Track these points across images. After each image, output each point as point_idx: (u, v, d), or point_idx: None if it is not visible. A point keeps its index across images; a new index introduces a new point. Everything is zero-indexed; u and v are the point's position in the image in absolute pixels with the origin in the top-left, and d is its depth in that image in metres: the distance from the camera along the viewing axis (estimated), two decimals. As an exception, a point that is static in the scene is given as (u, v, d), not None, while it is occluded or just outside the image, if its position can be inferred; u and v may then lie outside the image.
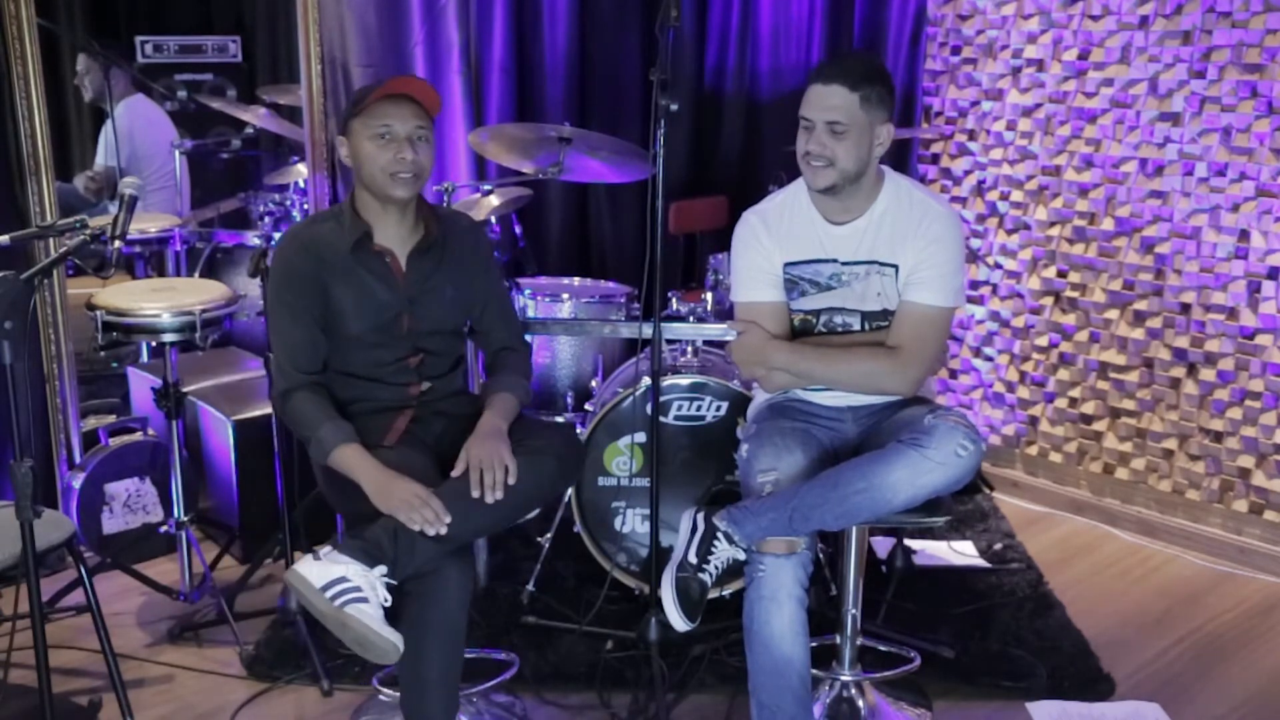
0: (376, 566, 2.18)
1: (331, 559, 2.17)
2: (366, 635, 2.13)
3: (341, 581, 2.14)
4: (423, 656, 2.25)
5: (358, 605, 2.12)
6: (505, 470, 2.29)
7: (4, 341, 2.00)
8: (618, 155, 3.44)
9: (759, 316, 2.55)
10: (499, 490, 2.26)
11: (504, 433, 2.40)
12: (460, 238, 2.58)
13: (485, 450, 2.32)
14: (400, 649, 2.15)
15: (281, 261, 2.46)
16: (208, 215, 4.39)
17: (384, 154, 2.38)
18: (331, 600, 2.13)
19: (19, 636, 2.49)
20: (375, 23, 3.76)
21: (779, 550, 2.35)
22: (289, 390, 2.43)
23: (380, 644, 2.13)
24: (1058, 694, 2.85)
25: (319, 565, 2.16)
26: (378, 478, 2.29)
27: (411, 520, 2.20)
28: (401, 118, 2.39)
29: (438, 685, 2.28)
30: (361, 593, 2.14)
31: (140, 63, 4.32)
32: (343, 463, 2.34)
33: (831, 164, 2.39)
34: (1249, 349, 3.50)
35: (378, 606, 2.15)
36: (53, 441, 3.39)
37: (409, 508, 2.21)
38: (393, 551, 2.19)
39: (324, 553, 2.19)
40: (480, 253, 2.62)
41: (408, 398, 2.53)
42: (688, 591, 2.40)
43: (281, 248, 2.48)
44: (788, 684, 2.35)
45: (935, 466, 2.27)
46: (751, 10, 4.34)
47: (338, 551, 2.19)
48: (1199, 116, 3.54)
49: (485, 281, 2.61)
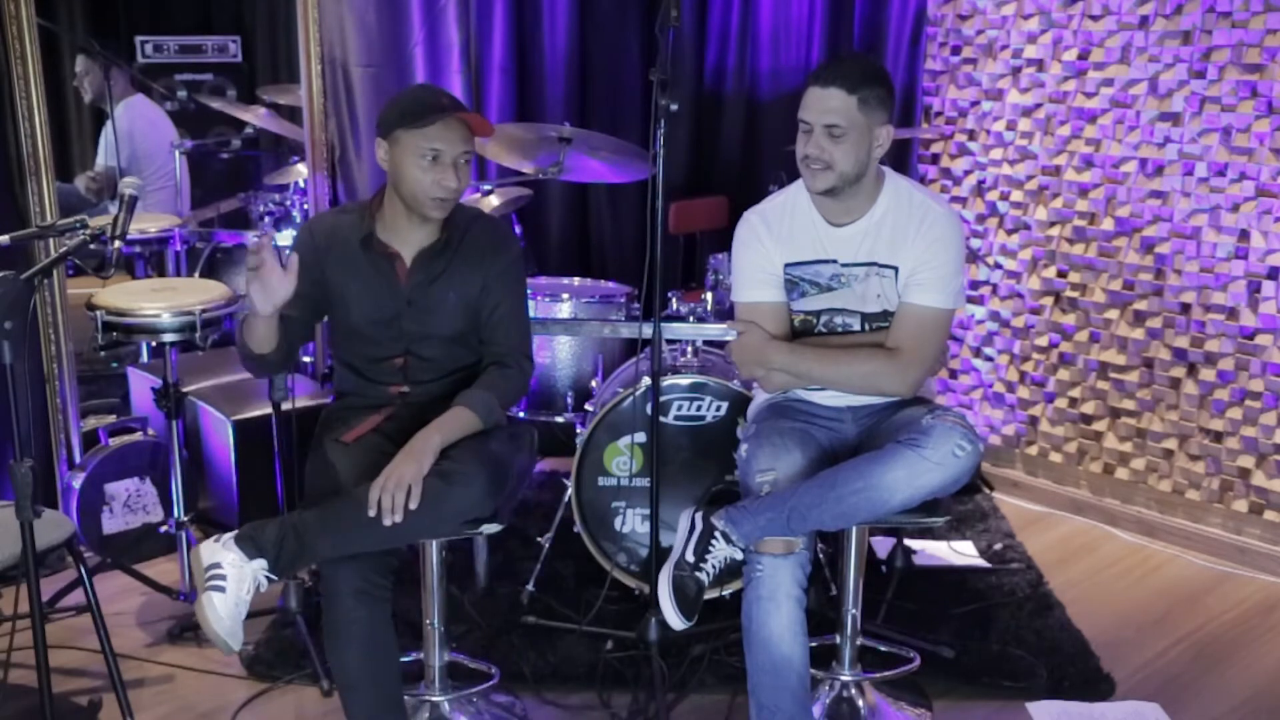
0: (255, 559, 2.22)
1: (225, 545, 2.24)
2: (203, 624, 2.19)
3: (216, 567, 2.20)
4: (334, 657, 2.32)
5: (212, 594, 2.18)
6: (408, 494, 2.24)
7: (4, 341, 2.00)
8: (618, 155, 3.44)
9: (759, 316, 2.54)
10: (398, 514, 2.23)
11: (429, 451, 2.31)
12: (478, 240, 2.53)
13: (396, 469, 2.27)
14: (234, 647, 2.21)
15: (297, 240, 2.56)
16: (208, 215, 4.40)
17: (428, 175, 2.37)
18: (205, 583, 2.20)
19: (19, 636, 2.49)
20: (375, 23, 3.76)
21: (777, 550, 2.35)
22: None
23: (213, 637, 2.20)
24: (1058, 694, 2.85)
25: (213, 547, 2.24)
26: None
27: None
28: (453, 142, 2.37)
29: (355, 687, 2.32)
30: (224, 582, 2.19)
31: (140, 63, 4.32)
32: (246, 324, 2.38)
33: (830, 167, 2.39)
34: (1249, 349, 3.50)
35: (236, 600, 2.19)
36: (53, 441, 3.39)
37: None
38: (275, 549, 2.23)
39: (224, 538, 2.25)
40: (497, 257, 2.53)
41: (389, 397, 2.54)
42: (684, 590, 2.40)
43: (302, 228, 2.61)
44: (786, 684, 2.35)
45: (933, 467, 2.27)
46: (751, 10, 4.34)
47: (231, 539, 2.24)
48: (1199, 116, 3.54)
49: (497, 288, 2.52)
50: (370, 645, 2.30)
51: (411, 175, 2.38)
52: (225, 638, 2.18)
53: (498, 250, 2.54)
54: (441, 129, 2.36)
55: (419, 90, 2.62)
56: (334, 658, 2.33)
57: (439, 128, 2.36)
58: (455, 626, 2.92)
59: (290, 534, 2.24)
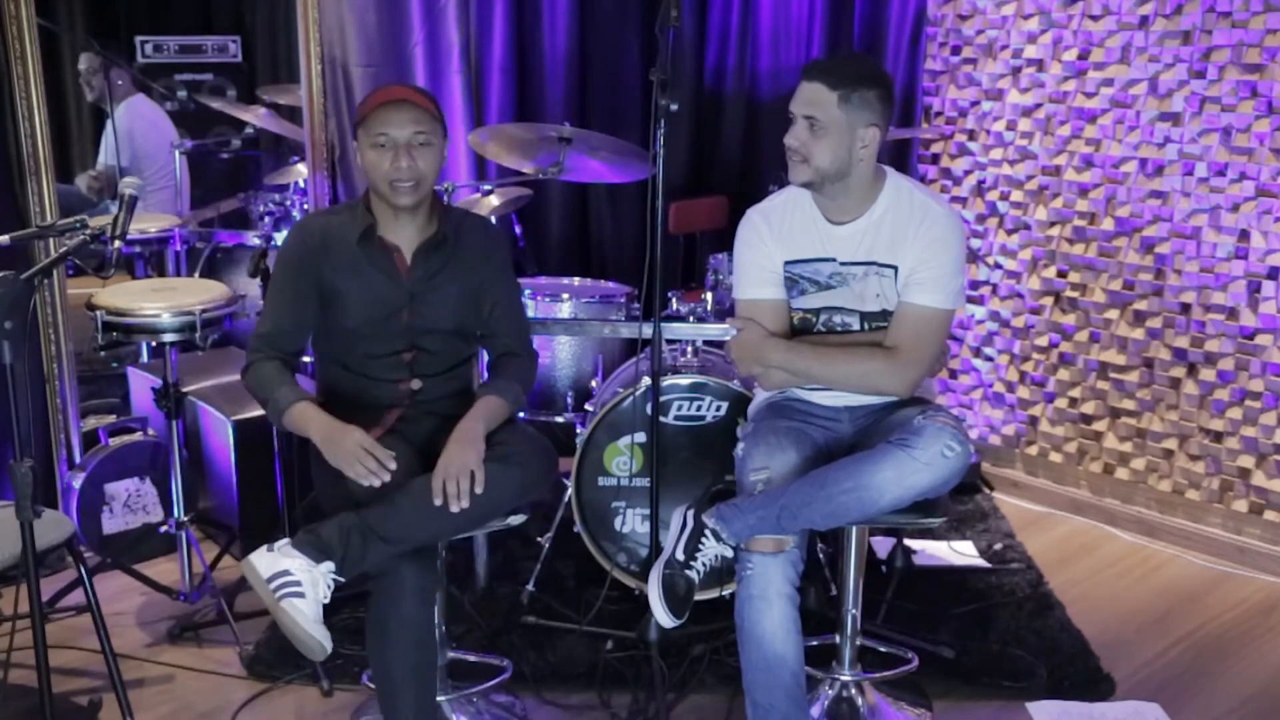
0: (323, 562, 2.20)
1: (283, 551, 2.21)
2: (295, 631, 2.16)
3: (285, 575, 2.18)
4: (386, 655, 2.28)
5: (293, 600, 2.16)
6: (471, 479, 2.28)
7: (4, 341, 2.00)
8: (618, 155, 3.44)
9: (759, 314, 2.54)
10: (464, 500, 2.26)
11: (479, 437, 2.37)
12: (471, 237, 2.57)
13: (455, 457, 2.30)
14: (327, 648, 2.19)
15: (287, 244, 2.52)
16: (208, 215, 4.40)
17: (385, 161, 2.39)
18: (274, 592, 2.17)
19: (19, 636, 2.49)
20: (375, 23, 3.76)
21: (767, 549, 2.35)
22: (256, 361, 2.47)
23: (308, 641, 2.17)
24: (1058, 694, 2.85)
25: (269, 556, 2.21)
26: (327, 429, 2.33)
27: (358, 475, 2.24)
28: (399, 124, 2.38)
29: (404, 684, 2.29)
30: (301, 587, 2.17)
31: (140, 63, 4.32)
32: (297, 418, 2.38)
33: (806, 160, 2.40)
34: (1249, 349, 3.50)
35: (315, 603, 2.18)
36: (53, 441, 3.40)
37: (352, 460, 2.25)
38: (341, 549, 2.20)
39: (278, 545, 2.23)
40: (492, 254, 2.60)
41: (399, 395, 2.53)
42: (674, 588, 2.41)
43: (292, 230, 2.56)
44: (780, 681, 2.35)
45: (922, 467, 2.27)
46: (751, 10, 4.34)
47: (290, 545, 2.22)
48: (1199, 116, 3.54)
49: (495, 283, 2.58)
50: (422, 644, 2.30)
51: (370, 164, 2.41)
52: (320, 639, 2.17)
53: (491, 246, 2.61)
54: (385, 112, 2.39)
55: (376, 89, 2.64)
56: (385, 655, 2.28)
57: (382, 112, 2.39)
58: (455, 626, 2.93)
59: (353, 533, 2.21)
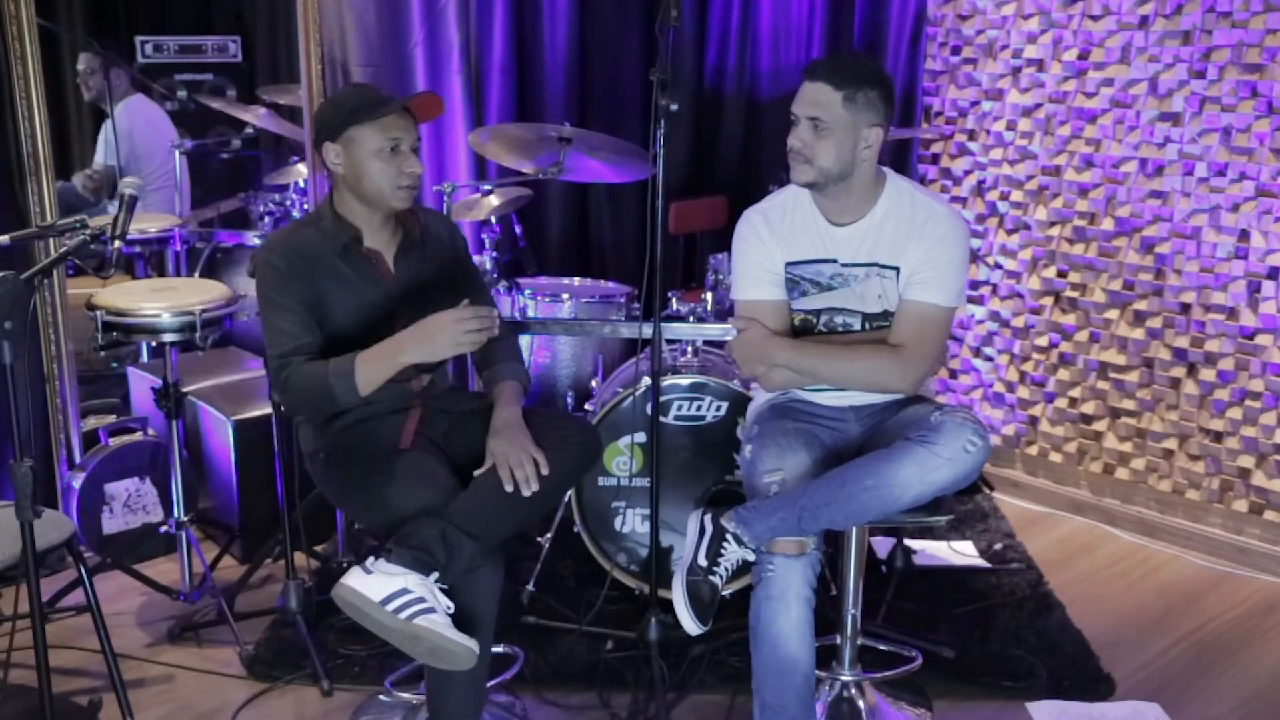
0: (431, 574, 2.15)
1: (386, 570, 2.12)
2: (441, 645, 2.10)
3: (404, 594, 2.10)
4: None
5: (427, 616, 2.10)
6: (535, 462, 2.29)
7: (4, 341, 2.00)
8: (618, 155, 3.44)
9: (760, 315, 2.54)
10: (534, 483, 2.27)
11: (523, 424, 2.40)
12: (437, 229, 2.62)
13: (511, 445, 2.31)
14: (477, 653, 2.13)
15: (271, 267, 2.36)
16: (208, 215, 4.40)
17: (392, 166, 2.38)
18: (396, 614, 2.09)
19: (19, 636, 2.49)
20: (375, 23, 3.76)
21: (790, 551, 2.34)
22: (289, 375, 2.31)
23: (458, 651, 2.11)
24: (1058, 694, 2.85)
25: (373, 579, 2.11)
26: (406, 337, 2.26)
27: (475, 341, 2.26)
28: (408, 130, 2.40)
29: (469, 684, 2.27)
30: (426, 603, 2.11)
31: (140, 63, 4.32)
32: (367, 368, 2.26)
33: (810, 161, 2.40)
34: (1249, 349, 3.50)
35: (444, 614, 2.12)
36: (53, 441, 3.39)
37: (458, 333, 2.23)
38: (444, 557, 2.16)
39: (373, 564, 2.14)
40: (456, 240, 2.66)
41: (410, 395, 2.51)
42: (699, 594, 2.38)
43: (268, 254, 2.38)
44: (792, 684, 2.35)
45: (944, 463, 2.27)
46: (751, 10, 4.34)
47: (389, 562, 2.14)
48: (1199, 116, 3.54)
49: (465, 268, 2.66)
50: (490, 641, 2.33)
51: (374, 169, 2.38)
52: (469, 645, 2.11)
53: (454, 233, 2.68)
54: (397, 118, 2.39)
55: (358, 88, 2.61)
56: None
57: (395, 117, 2.39)
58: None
59: (448, 536, 2.17)
